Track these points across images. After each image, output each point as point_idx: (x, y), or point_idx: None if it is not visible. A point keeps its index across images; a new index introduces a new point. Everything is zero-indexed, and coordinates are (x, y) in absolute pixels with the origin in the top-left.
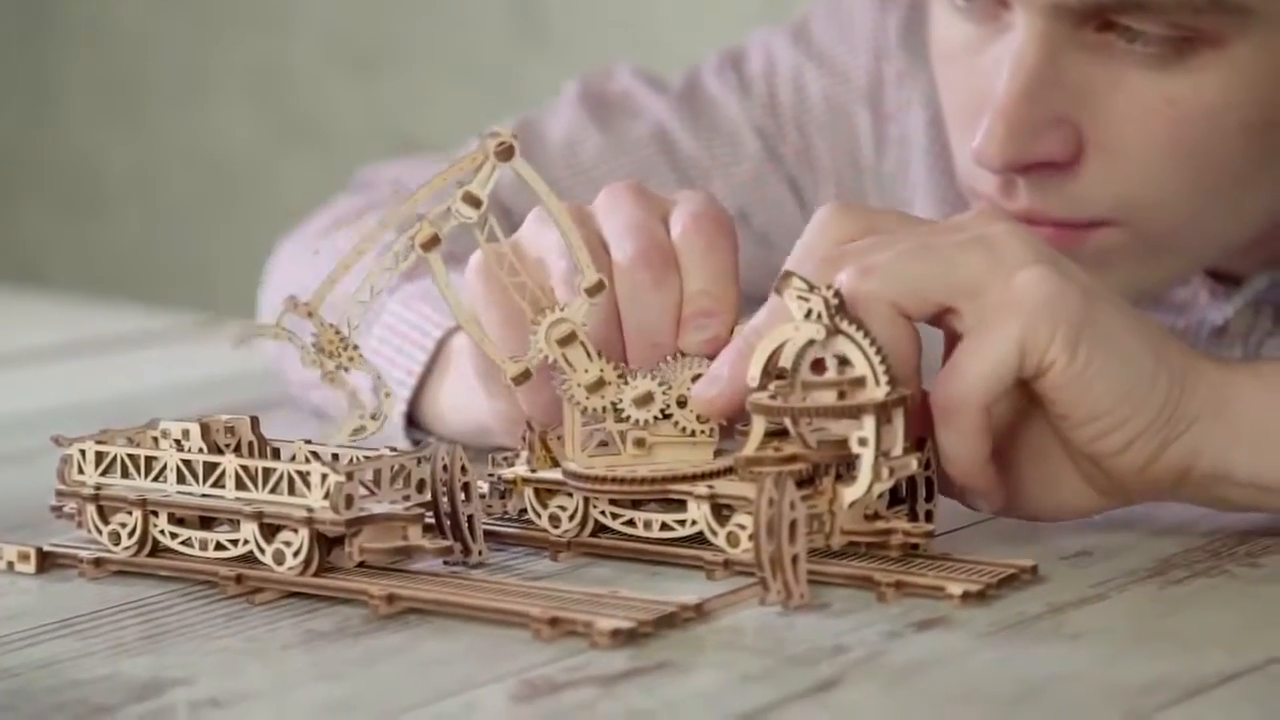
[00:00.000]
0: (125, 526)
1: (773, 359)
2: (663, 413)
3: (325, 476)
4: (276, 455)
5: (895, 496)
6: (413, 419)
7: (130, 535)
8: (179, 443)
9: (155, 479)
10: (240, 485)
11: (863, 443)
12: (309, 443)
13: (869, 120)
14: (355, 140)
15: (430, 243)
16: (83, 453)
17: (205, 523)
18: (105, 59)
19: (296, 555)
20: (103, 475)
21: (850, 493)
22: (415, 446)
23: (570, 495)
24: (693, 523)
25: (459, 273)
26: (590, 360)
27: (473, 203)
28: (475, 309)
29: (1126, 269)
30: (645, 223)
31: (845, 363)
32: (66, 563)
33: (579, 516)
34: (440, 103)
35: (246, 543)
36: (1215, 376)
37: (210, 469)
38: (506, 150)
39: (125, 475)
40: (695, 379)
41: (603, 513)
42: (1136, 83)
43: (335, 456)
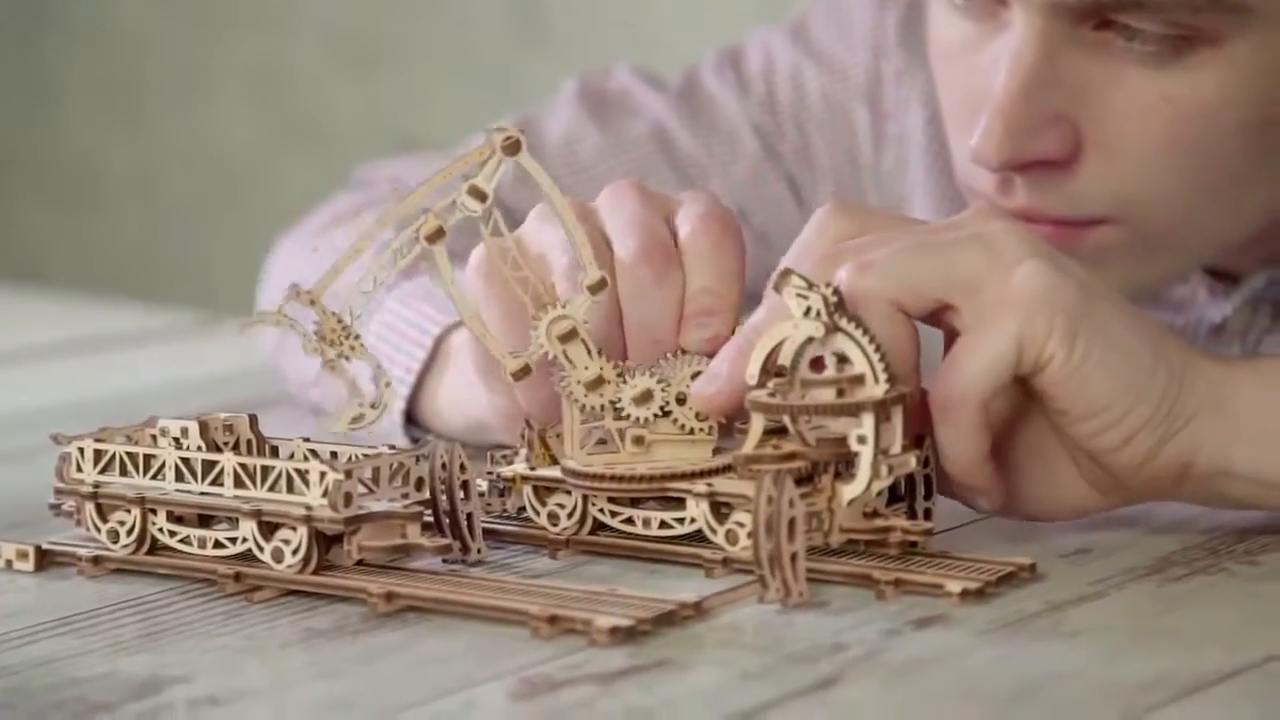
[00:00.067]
0: (124, 524)
1: (771, 356)
2: (662, 410)
3: (324, 474)
4: (275, 453)
5: (894, 494)
6: (411, 416)
7: (129, 533)
8: (177, 441)
9: (154, 477)
10: (239, 483)
11: (861, 440)
12: (307, 441)
13: (867, 118)
14: (355, 140)
15: (435, 235)
16: (81, 451)
17: (204, 521)
18: (105, 59)
19: (295, 553)
20: (101, 473)
21: (849, 490)
22: (414, 444)
23: (569, 493)
24: (691, 520)
25: (460, 269)
26: (590, 358)
27: (478, 196)
28: (476, 304)
29: (1124, 267)
30: (648, 220)
31: (844, 360)
32: (65, 561)
33: (578, 514)
34: (440, 102)
35: (245, 541)
36: (1214, 373)
37: (209, 467)
38: (513, 145)
39: (124, 473)
40: (694, 376)
41: (601, 510)
42: (1134, 81)
43: (334, 454)
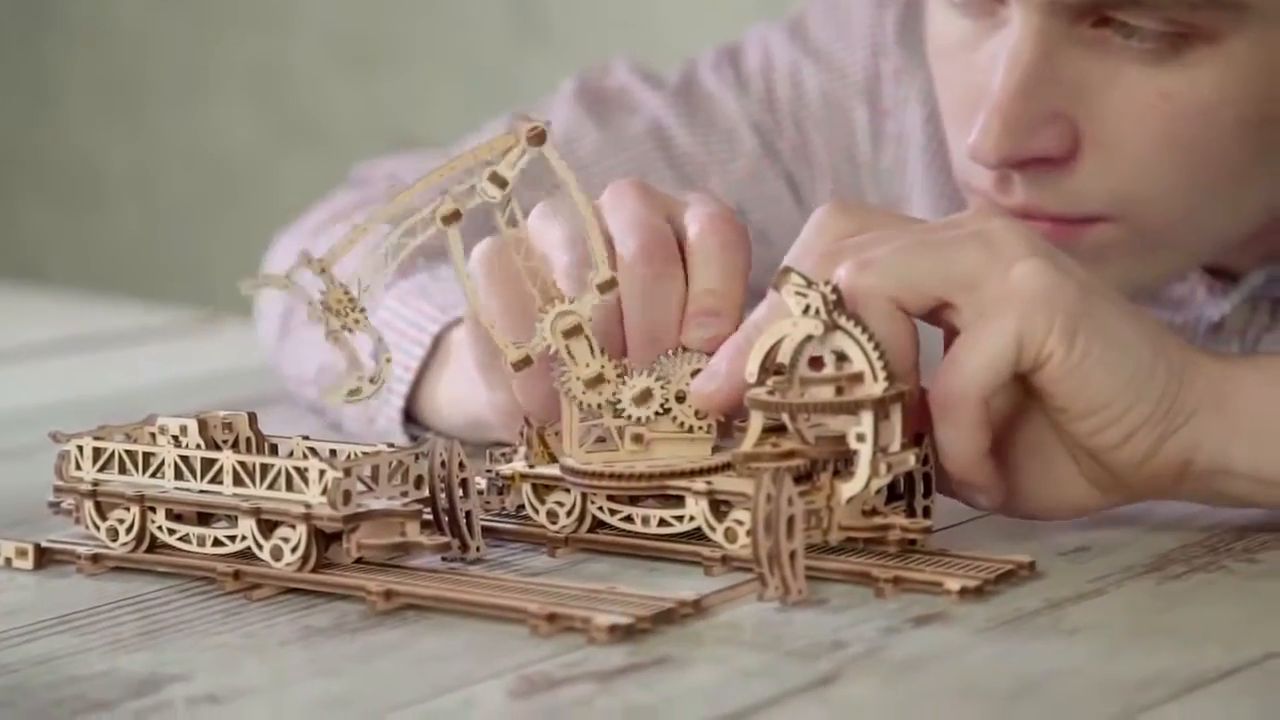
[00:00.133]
0: (123, 522)
1: (771, 354)
2: (661, 408)
3: (323, 472)
4: (274, 451)
5: (893, 492)
6: (410, 414)
7: (128, 531)
8: (177, 439)
9: (153, 475)
10: (238, 481)
11: (860, 438)
12: (306, 439)
13: (866, 116)
14: (355, 139)
15: (451, 217)
16: (80, 449)
17: (203, 519)
18: (105, 59)
19: (294, 551)
20: (100, 471)
21: (848, 488)
22: (413, 442)
23: (568, 491)
24: (690, 518)
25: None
26: (592, 355)
27: (499, 183)
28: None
29: (1123, 264)
30: (649, 219)
31: (843, 358)
32: (64, 559)
33: (577, 512)
34: (440, 101)
35: (244, 538)
36: (1214, 370)
37: (208, 465)
38: (539, 135)
39: (123, 471)
40: (694, 374)
41: (600, 508)
42: (1132, 78)
43: (333, 453)
